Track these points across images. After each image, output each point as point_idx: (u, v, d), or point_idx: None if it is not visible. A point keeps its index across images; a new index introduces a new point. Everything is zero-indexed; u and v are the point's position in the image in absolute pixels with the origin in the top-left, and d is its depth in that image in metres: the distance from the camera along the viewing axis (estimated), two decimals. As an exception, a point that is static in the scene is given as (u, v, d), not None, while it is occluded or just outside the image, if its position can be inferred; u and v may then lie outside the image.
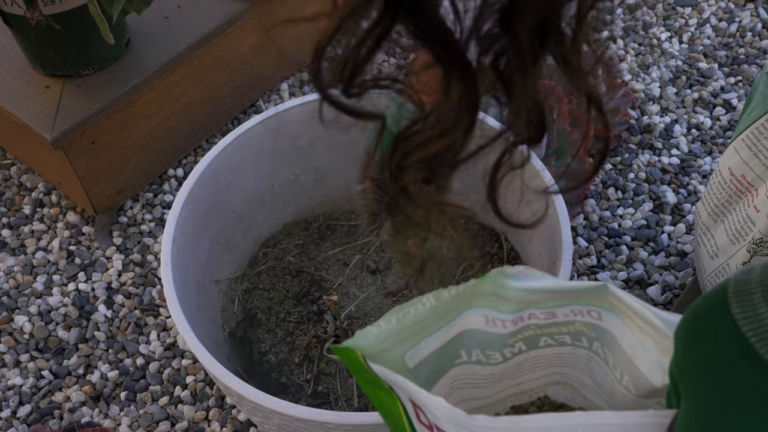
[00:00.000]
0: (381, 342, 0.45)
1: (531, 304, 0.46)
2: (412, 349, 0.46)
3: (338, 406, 0.79)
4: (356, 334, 0.45)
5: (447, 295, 0.45)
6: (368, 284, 0.88)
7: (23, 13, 0.84)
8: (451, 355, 0.49)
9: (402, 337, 0.46)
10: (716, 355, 0.31)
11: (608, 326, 0.46)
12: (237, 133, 0.81)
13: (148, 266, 0.99)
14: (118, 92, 0.93)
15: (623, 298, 0.42)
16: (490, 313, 0.46)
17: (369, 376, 0.45)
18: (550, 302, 0.46)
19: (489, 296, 0.46)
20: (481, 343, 0.48)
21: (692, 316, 0.33)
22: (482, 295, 0.46)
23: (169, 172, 1.09)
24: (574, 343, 0.48)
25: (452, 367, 0.50)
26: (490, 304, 0.46)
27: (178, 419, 0.86)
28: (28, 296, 0.96)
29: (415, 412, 0.44)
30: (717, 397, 0.31)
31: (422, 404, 0.42)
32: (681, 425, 0.34)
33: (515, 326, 0.47)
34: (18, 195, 1.08)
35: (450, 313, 0.46)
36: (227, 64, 1.06)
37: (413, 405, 0.43)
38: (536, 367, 0.52)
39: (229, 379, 0.62)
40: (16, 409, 0.87)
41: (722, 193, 0.78)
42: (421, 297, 0.46)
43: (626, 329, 0.44)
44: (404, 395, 0.44)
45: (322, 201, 0.95)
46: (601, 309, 0.45)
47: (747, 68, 1.19)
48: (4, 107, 0.92)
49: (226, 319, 0.85)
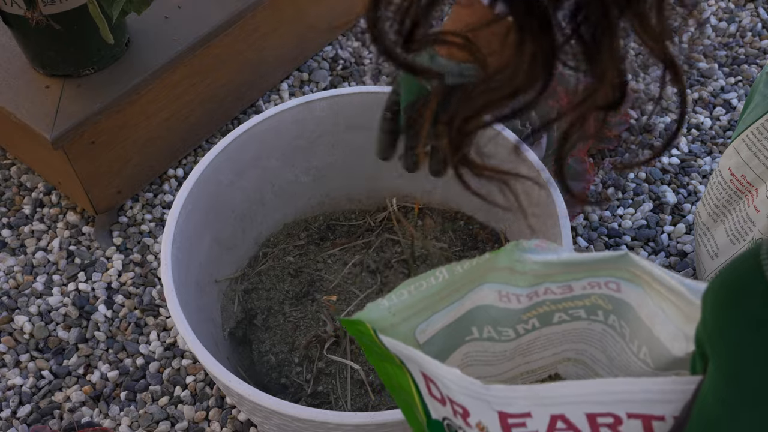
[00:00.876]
0: (392, 315, 0.44)
1: (547, 277, 0.44)
2: (423, 323, 0.45)
3: (338, 406, 0.79)
4: (367, 306, 0.44)
5: (460, 269, 0.44)
6: (368, 284, 0.88)
7: (23, 13, 0.84)
8: (463, 331, 0.48)
9: (413, 311, 0.45)
10: (750, 319, 0.30)
11: (627, 297, 0.44)
12: (237, 133, 0.81)
13: (148, 266, 0.99)
14: (118, 92, 0.93)
15: (646, 266, 0.41)
16: (504, 288, 0.45)
17: (379, 350, 0.44)
18: (566, 275, 0.44)
19: (504, 271, 0.45)
20: (493, 320, 0.47)
21: (723, 279, 0.32)
22: (497, 269, 0.45)
23: (169, 172, 1.09)
24: (590, 318, 0.47)
25: (463, 343, 0.49)
26: (505, 279, 0.45)
27: (178, 419, 0.86)
28: (28, 296, 0.96)
29: (427, 385, 0.43)
30: (750, 361, 0.30)
31: (435, 376, 0.41)
32: (708, 391, 0.33)
33: (530, 301, 0.46)
34: (18, 195, 1.08)
35: (462, 288, 0.45)
36: (227, 64, 1.06)
37: (425, 378, 0.42)
38: (548, 345, 0.50)
39: (229, 379, 0.62)
40: (16, 409, 0.87)
41: (722, 193, 0.78)
42: (434, 270, 0.45)
43: (647, 298, 0.43)
44: (415, 369, 0.43)
45: (322, 201, 0.95)
46: (620, 280, 0.44)
47: (747, 68, 1.19)
48: (4, 107, 0.92)
49: (226, 319, 0.85)
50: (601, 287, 0.44)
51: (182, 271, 0.73)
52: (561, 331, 0.49)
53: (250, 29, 1.06)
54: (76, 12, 0.86)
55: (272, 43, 1.12)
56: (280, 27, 1.12)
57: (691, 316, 0.39)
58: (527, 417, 0.38)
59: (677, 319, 0.41)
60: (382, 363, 0.46)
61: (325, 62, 1.24)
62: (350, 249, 0.92)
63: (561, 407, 0.37)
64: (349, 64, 1.23)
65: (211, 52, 1.02)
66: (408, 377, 0.44)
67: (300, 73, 1.21)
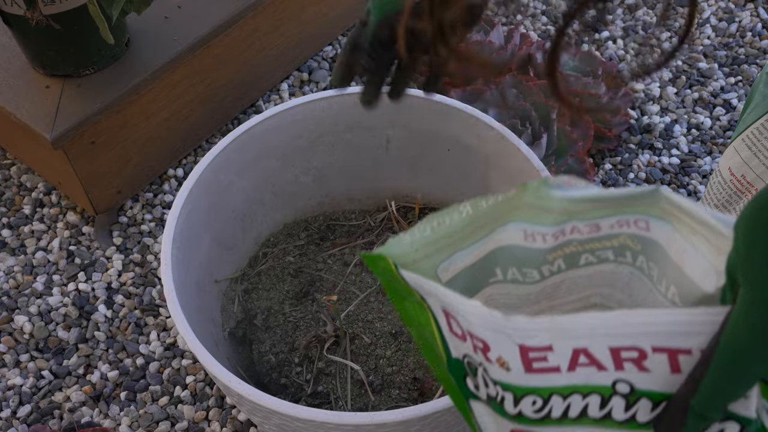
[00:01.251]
0: (414, 251, 0.43)
1: (574, 215, 0.43)
2: (445, 261, 0.44)
3: (338, 406, 0.79)
4: (388, 241, 0.42)
5: (485, 204, 0.43)
6: (368, 284, 0.88)
7: (23, 13, 0.84)
8: (486, 272, 0.46)
9: (436, 247, 0.43)
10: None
11: (656, 236, 0.43)
12: (237, 133, 0.81)
13: (148, 266, 0.99)
14: (118, 92, 0.93)
15: (677, 200, 0.40)
16: (529, 227, 0.44)
17: (399, 286, 0.43)
18: (594, 212, 0.43)
19: (529, 208, 0.43)
20: (518, 260, 0.46)
21: (757, 204, 0.32)
22: (522, 207, 0.43)
23: (169, 172, 1.09)
24: (617, 259, 0.45)
25: (486, 285, 0.48)
26: (530, 218, 0.43)
27: (178, 419, 0.86)
28: (28, 296, 0.96)
29: (447, 321, 0.42)
30: None
31: (456, 311, 0.40)
32: (739, 318, 0.33)
33: (556, 241, 0.44)
34: (18, 195, 1.08)
35: (487, 226, 0.44)
36: (227, 64, 1.06)
37: (445, 315, 0.41)
38: (574, 289, 0.49)
39: (229, 379, 0.62)
40: (16, 409, 0.87)
41: (722, 193, 0.78)
42: (458, 205, 0.43)
43: (676, 235, 0.41)
44: (436, 304, 0.42)
45: (322, 201, 0.95)
46: (649, 217, 0.42)
47: (747, 68, 1.19)
48: (4, 107, 0.92)
49: (226, 319, 0.85)
50: (630, 226, 0.43)
51: (182, 271, 0.73)
52: (587, 275, 0.47)
53: (250, 29, 1.06)
54: (76, 12, 0.87)
55: (272, 43, 1.12)
56: (280, 27, 1.12)
57: (722, 248, 0.38)
58: (549, 351, 0.37)
59: (708, 254, 0.39)
60: (403, 301, 0.45)
61: (325, 62, 1.24)
62: (350, 249, 0.92)
63: (584, 340, 0.37)
64: (349, 64, 1.23)
65: (211, 52, 1.02)
66: (429, 314, 0.43)
67: (300, 73, 1.21)
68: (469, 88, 1.04)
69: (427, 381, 0.78)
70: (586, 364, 0.37)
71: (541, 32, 1.28)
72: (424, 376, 0.79)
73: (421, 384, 0.78)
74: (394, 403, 0.78)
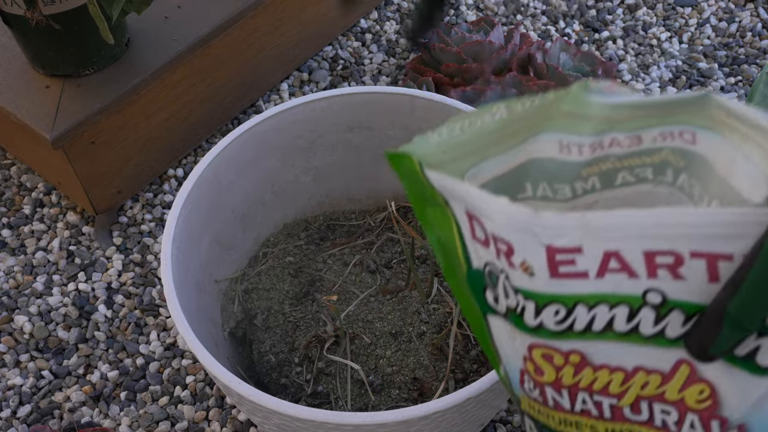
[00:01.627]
0: (441, 152, 0.40)
1: (615, 124, 0.40)
2: (474, 168, 0.41)
3: (338, 406, 0.79)
4: (414, 140, 0.40)
5: (520, 107, 0.40)
6: (368, 284, 0.88)
7: (23, 13, 0.84)
8: (515, 187, 0.43)
9: (464, 150, 0.41)
10: None
11: (702, 149, 0.39)
12: (237, 133, 0.81)
13: (148, 266, 0.99)
14: (118, 92, 0.93)
15: (729, 105, 0.36)
16: (565, 138, 0.41)
17: (422, 188, 0.41)
18: (637, 121, 0.39)
19: (566, 117, 0.40)
20: (550, 175, 0.42)
21: None
22: (559, 115, 0.40)
23: (169, 172, 1.09)
24: (656, 178, 0.42)
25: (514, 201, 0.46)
26: (567, 127, 0.40)
27: (178, 419, 0.86)
28: (28, 296, 0.96)
29: (471, 227, 0.39)
30: None
31: (481, 212, 0.37)
32: None
33: (593, 153, 0.41)
34: (18, 195, 1.08)
35: (519, 134, 0.41)
36: (227, 64, 1.06)
37: (469, 218, 0.39)
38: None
39: (229, 379, 0.62)
40: (16, 409, 0.87)
41: (722, 193, 0.78)
42: (491, 106, 0.40)
43: (725, 145, 0.38)
44: (460, 208, 0.39)
45: (322, 201, 0.95)
46: (697, 128, 0.39)
47: (747, 68, 1.19)
48: (4, 107, 0.92)
49: (226, 319, 0.85)
50: (674, 138, 0.39)
51: (182, 271, 0.73)
52: (622, 196, 0.43)
53: (250, 29, 1.06)
54: (76, 12, 0.87)
55: (272, 43, 1.12)
56: (280, 27, 1.12)
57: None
58: (578, 253, 0.35)
59: (760, 161, 0.36)
60: (425, 208, 0.42)
61: (325, 62, 1.24)
62: (350, 249, 0.92)
63: (617, 242, 0.34)
64: (349, 64, 1.23)
65: (211, 52, 1.02)
66: (451, 221, 0.41)
67: (300, 73, 1.21)
68: (469, 88, 1.04)
69: (427, 381, 0.78)
70: (616, 269, 0.34)
71: (541, 32, 1.28)
72: (424, 376, 0.79)
73: (421, 384, 0.78)
74: (394, 403, 0.78)
